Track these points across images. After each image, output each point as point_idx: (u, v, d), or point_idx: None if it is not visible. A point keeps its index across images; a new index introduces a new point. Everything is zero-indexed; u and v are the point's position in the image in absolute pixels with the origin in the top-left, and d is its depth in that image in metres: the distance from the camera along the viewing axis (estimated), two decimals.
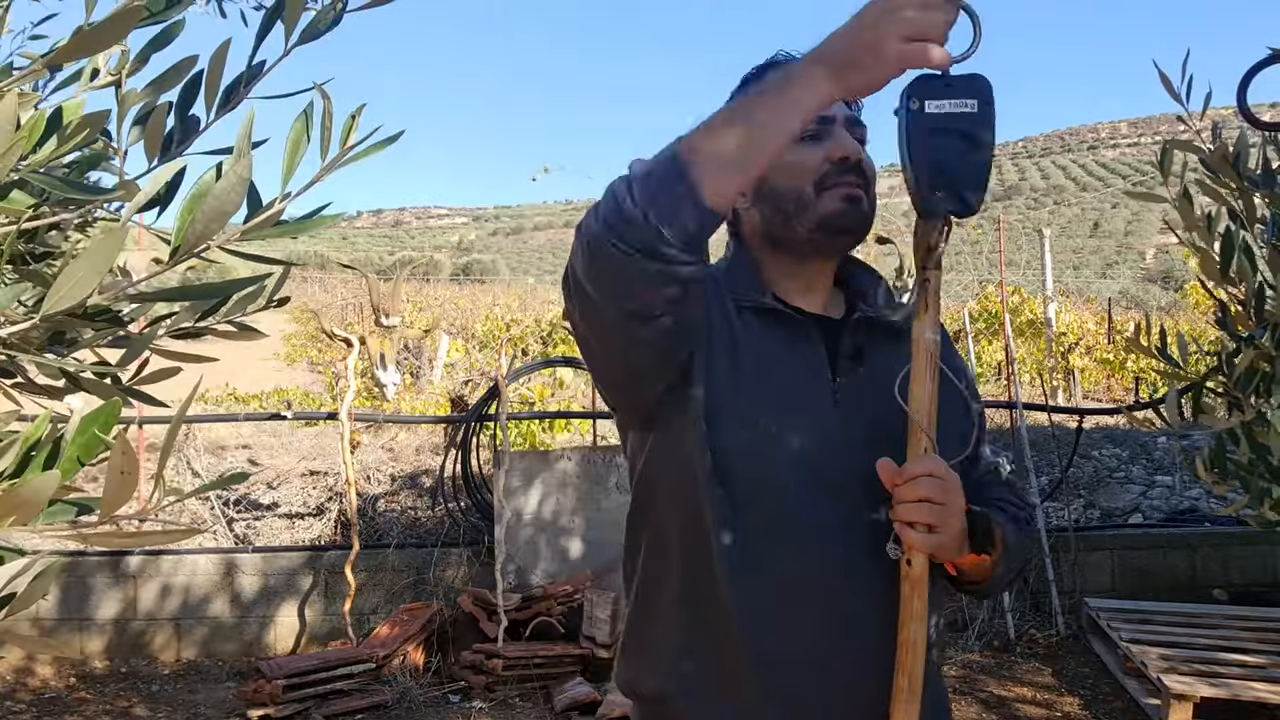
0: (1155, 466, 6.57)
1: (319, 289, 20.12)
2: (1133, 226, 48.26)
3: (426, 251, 44.15)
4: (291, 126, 0.74)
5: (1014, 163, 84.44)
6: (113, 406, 0.65)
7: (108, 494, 0.59)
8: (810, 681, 1.12)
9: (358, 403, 6.49)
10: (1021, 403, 5.50)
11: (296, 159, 0.73)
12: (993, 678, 4.36)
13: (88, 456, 0.64)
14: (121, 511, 0.64)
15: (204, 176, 0.75)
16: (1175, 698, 3.56)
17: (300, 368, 13.92)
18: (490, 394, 5.23)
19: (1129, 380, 10.65)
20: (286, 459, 6.36)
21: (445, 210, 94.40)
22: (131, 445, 0.59)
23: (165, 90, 0.94)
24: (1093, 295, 18.64)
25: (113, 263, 0.65)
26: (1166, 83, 2.01)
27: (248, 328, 1.04)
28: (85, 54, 0.69)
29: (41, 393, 1.00)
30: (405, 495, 5.98)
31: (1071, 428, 5.83)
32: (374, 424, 6.69)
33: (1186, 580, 5.06)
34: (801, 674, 1.11)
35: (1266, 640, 4.09)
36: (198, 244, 0.67)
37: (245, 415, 6.39)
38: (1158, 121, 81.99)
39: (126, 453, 0.58)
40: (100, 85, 0.94)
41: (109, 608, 4.77)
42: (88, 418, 0.63)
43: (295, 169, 0.73)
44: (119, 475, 0.58)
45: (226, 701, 4.20)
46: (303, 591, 4.88)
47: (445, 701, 4.20)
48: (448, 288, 23.75)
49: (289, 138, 0.74)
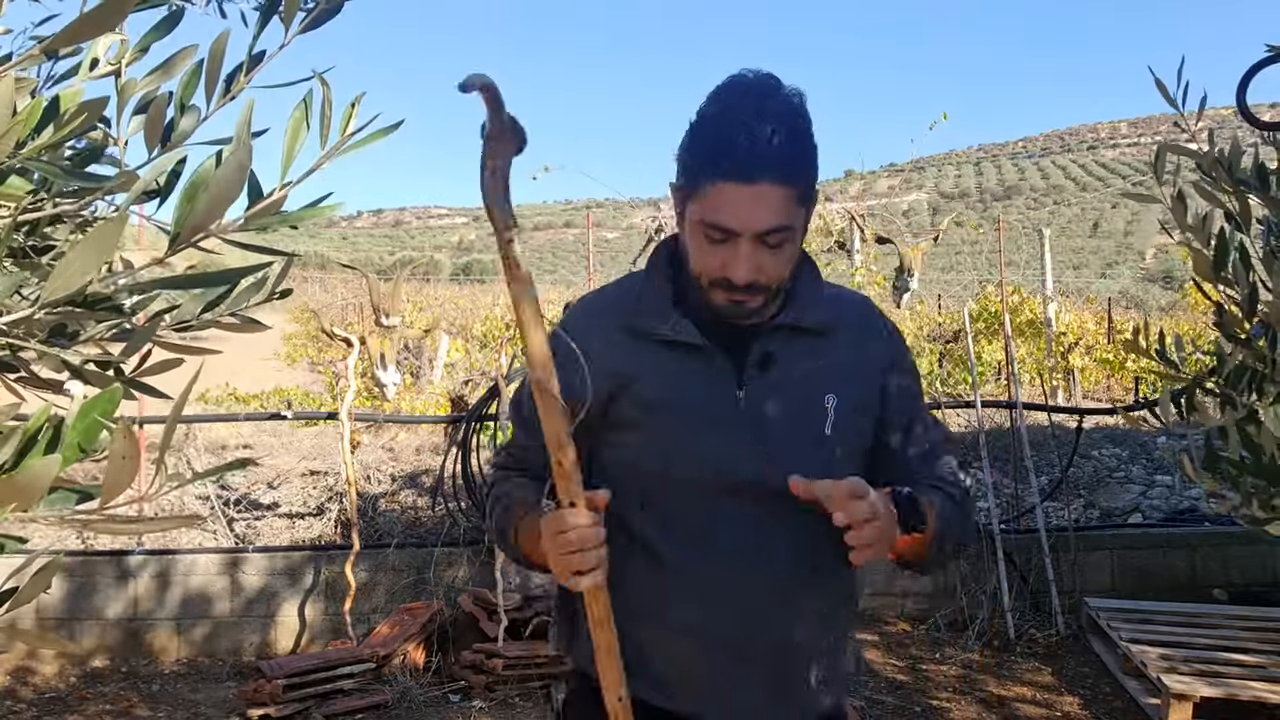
0: (1155, 466, 6.57)
1: (319, 289, 20.11)
2: (1132, 227, 48.26)
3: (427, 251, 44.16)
4: (291, 115, 0.74)
5: (1014, 163, 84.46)
6: (113, 393, 0.65)
7: (109, 480, 0.58)
8: (698, 652, 1.29)
9: (358, 402, 6.49)
10: (1021, 402, 5.50)
11: (297, 146, 0.73)
12: (993, 677, 4.36)
13: (89, 443, 0.64)
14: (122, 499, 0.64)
15: (204, 164, 0.75)
16: (1175, 697, 3.56)
17: (300, 367, 13.92)
18: (490, 394, 5.23)
19: (1129, 380, 10.65)
20: (287, 459, 6.36)
21: (445, 210, 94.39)
22: (133, 431, 0.59)
23: (165, 80, 0.94)
24: (1093, 295, 18.64)
25: (113, 249, 0.65)
26: (1162, 88, 2.02)
27: (251, 320, 1.04)
28: (84, 39, 0.69)
29: (44, 387, 1.00)
30: (405, 495, 5.98)
31: (1071, 427, 5.83)
32: (374, 424, 6.70)
33: (1186, 580, 5.06)
34: (695, 642, 1.29)
35: (1266, 640, 4.09)
36: (197, 231, 0.67)
37: (246, 415, 6.39)
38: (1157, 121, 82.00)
39: (128, 438, 0.58)
40: (100, 75, 0.94)
41: (110, 607, 4.77)
42: (88, 404, 0.63)
43: (296, 156, 0.72)
44: (120, 461, 0.58)
45: (227, 701, 4.20)
46: (303, 591, 4.88)
47: (445, 701, 4.20)
48: (448, 287, 23.75)
49: (289, 125, 0.73)
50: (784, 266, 1.23)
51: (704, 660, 1.29)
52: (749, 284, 1.21)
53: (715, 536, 1.27)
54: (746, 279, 1.20)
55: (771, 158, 1.15)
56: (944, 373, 9.50)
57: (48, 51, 0.73)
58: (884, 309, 6.57)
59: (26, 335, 0.83)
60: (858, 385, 1.31)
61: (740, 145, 1.14)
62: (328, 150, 0.73)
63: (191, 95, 0.93)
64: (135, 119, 0.97)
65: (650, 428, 1.29)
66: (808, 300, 1.31)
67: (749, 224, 1.17)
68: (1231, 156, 1.90)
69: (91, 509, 0.64)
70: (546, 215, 79.11)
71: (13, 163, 0.74)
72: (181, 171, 0.91)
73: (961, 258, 18.73)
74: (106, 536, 5.44)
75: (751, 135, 1.14)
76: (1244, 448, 1.62)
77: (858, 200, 12.65)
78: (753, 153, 1.14)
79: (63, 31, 0.64)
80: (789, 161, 1.17)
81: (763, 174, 1.15)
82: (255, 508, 5.85)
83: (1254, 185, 1.90)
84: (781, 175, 1.16)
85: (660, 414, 1.29)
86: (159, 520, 0.70)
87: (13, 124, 0.65)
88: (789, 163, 1.17)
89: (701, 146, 1.20)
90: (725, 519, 1.28)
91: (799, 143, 1.19)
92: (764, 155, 1.15)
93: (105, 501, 0.61)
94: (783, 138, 1.15)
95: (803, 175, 1.19)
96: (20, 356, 0.97)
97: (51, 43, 0.66)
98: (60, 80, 0.98)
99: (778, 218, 1.17)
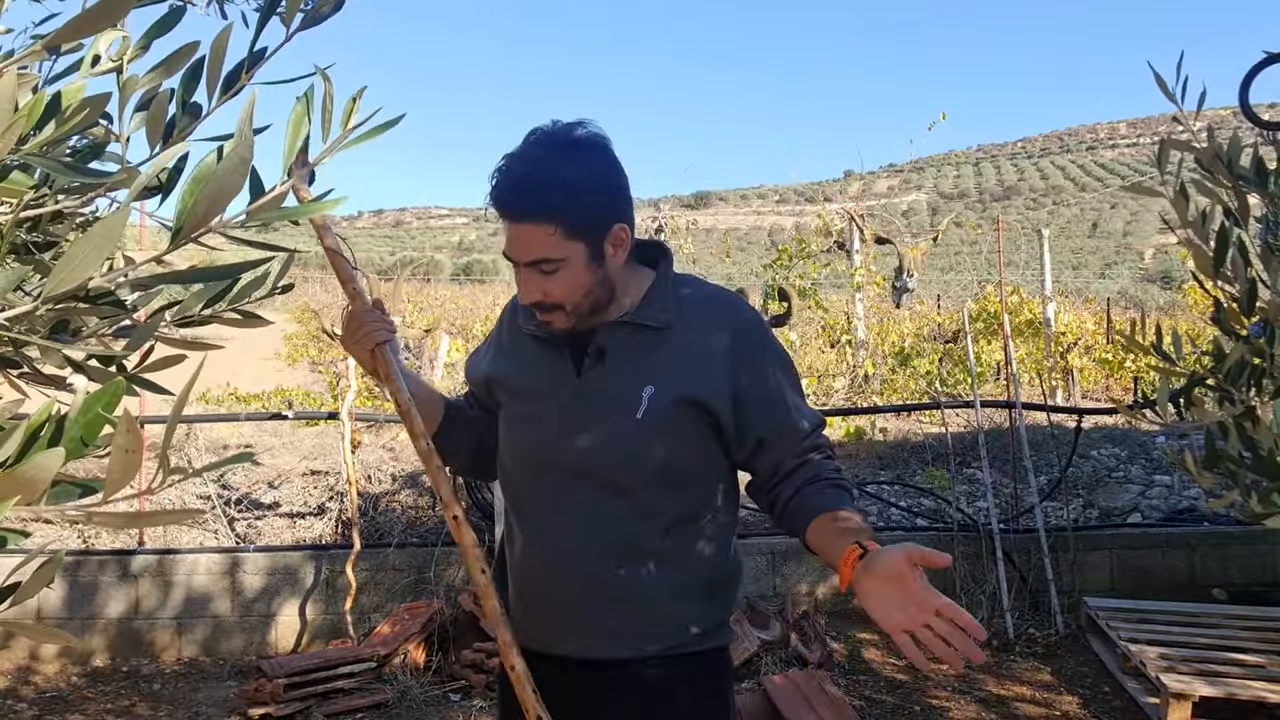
0: (1154, 466, 6.58)
1: (320, 289, 20.12)
2: (1131, 227, 48.28)
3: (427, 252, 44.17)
4: (293, 108, 0.74)
5: (1013, 163, 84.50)
6: (116, 387, 0.66)
7: (112, 474, 0.59)
8: (536, 600, 1.52)
9: (359, 402, 6.49)
10: (1020, 402, 5.50)
11: (299, 139, 0.73)
12: (992, 677, 4.36)
13: (92, 437, 0.64)
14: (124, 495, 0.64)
15: (205, 159, 0.75)
16: (1174, 697, 3.56)
17: (301, 367, 13.91)
18: None
19: (1128, 380, 10.65)
20: (288, 459, 6.36)
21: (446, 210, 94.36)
22: (136, 424, 0.59)
23: (167, 77, 0.94)
24: (1092, 295, 18.64)
25: (116, 243, 0.65)
26: (1162, 84, 2.02)
27: (252, 315, 1.04)
28: (86, 34, 0.70)
29: (47, 383, 1.00)
30: (406, 494, 5.98)
31: (1070, 427, 5.83)
32: (375, 424, 6.70)
33: (1185, 580, 5.06)
34: (537, 591, 1.52)
35: (1265, 639, 4.09)
36: (200, 226, 0.68)
37: (247, 415, 6.40)
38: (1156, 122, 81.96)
39: (131, 430, 0.58)
40: (101, 71, 0.94)
41: (111, 606, 4.77)
42: (91, 399, 0.63)
43: (297, 150, 0.73)
44: (123, 454, 0.58)
45: (228, 700, 4.21)
46: (304, 590, 4.88)
47: (446, 700, 4.20)
48: (448, 288, 23.77)
49: (290, 118, 0.74)
50: (570, 289, 1.40)
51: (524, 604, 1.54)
52: (535, 303, 1.42)
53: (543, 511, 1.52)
54: (528, 300, 1.42)
55: (524, 198, 1.34)
56: (943, 373, 9.49)
57: (50, 47, 0.73)
58: (883, 309, 6.62)
59: (29, 331, 0.83)
60: (688, 376, 1.45)
61: (499, 185, 1.35)
62: (330, 144, 0.74)
63: (193, 92, 0.93)
64: (137, 116, 0.97)
65: (508, 411, 1.57)
66: (654, 301, 1.49)
67: (518, 255, 1.39)
68: (1231, 152, 1.90)
69: (94, 502, 0.64)
70: None
71: (15, 158, 0.74)
72: (183, 168, 0.92)
73: (961, 258, 18.75)
74: (108, 536, 5.44)
75: (508, 176, 1.35)
76: (1242, 444, 1.62)
77: (857, 201, 12.65)
78: (508, 192, 1.34)
79: (66, 26, 0.65)
80: (542, 202, 1.34)
81: (517, 212, 1.35)
82: (256, 507, 5.85)
83: (1253, 181, 1.91)
84: (535, 214, 1.34)
85: (515, 400, 1.55)
86: (161, 514, 0.71)
87: (15, 119, 0.65)
88: (542, 203, 1.34)
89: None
90: (551, 494, 1.50)
91: (557, 183, 1.34)
92: (517, 196, 1.34)
93: (108, 495, 0.61)
94: (541, 178, 1.32)
95: (563, 211, 1.34)
96: (23, 353, 0.98)
97: (54, 37, 0.66)
98: (61, 77, 0.98)
99: (540, 251, 1.36)
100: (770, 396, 1.49)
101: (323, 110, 0.76)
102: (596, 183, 1.39)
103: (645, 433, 1.44)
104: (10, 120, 0.64)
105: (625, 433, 1.44)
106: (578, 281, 1.40)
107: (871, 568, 1.22)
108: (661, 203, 10.37)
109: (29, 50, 0.72)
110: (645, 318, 1.47)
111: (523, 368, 1.55)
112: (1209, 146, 1.94)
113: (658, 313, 1.48)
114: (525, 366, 1.55)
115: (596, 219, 1.39)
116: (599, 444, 1.45)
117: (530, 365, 1.54)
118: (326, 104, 0.76)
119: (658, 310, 1.48)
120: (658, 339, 1.47)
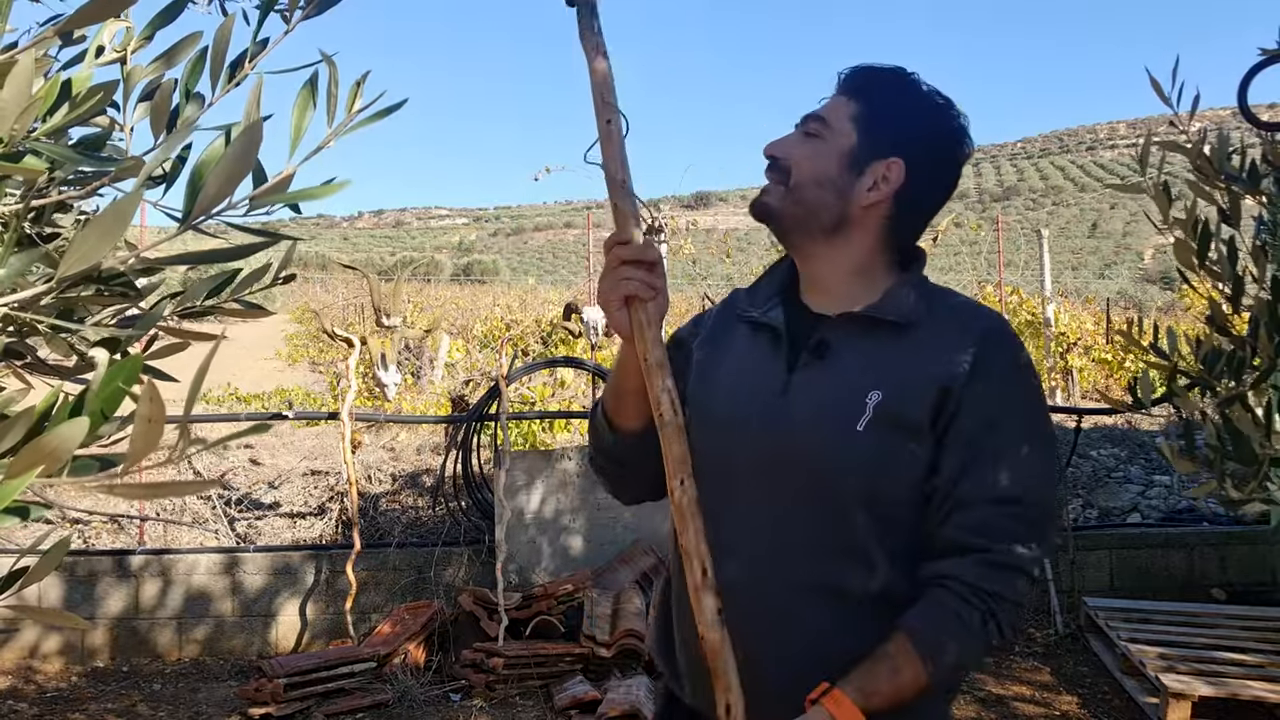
0: (1153, 466, 6.58)
1: (320, 289, 20.13)
2: (1131, 227, 48.30)
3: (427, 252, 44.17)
4: (299, 92, 0.75)
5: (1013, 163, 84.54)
6: (135, 360, 0.66)
7: (134, 444, 0.59)
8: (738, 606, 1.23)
9: (359, 403, 6.49)
10: None
11: (305, 123, 0.74)
12: (991, 676, 4.37)
13: (112, 410, 0.64)
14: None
15: (213, 144, 0.76)
16: (1173, 696, 3.57)
17: (302, 368, 13.92)
18: (491, 394, 5.24)
19: (1127, 380, 10.65)
20: (288, 459, 6.37)
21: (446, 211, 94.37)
22: (158, 392, 0.60)
23: (170, 67, 0.95)
24: (1091, 295, 18.65)
25: (127, 226, 0.66)
26: (1157, 87, 2.03)
27: (255, 305, 1.05)
28: (98, 19, 0.70)
29: (51, 373, 1.01)
30: (406, 495, 5.99)
31: (1070, 427, 5.84)
32: (375, 424, 6.70)
33: (1185, 579, 5.07)
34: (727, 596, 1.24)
35: (1264, 639, 4.10)
36: (211, 207, 0.68)
37: (247, 415, 6.40)
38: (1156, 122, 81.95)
39: (154, 400, 0.58)
40: (106, 62, 0.95)
41: (112, 605, 4.77)
42: (110, 372, 0.64)
43: (303, 134, 0.73)
44: (146, 424, 0.59)
45: (228, 700, 4.21)
46: (304, 590, 4.89)
47: (446, 700, 4.20)
48: (448, 288, 23.77)
49: (295, 102, 0.74)
50: (807, 157, 1.30)
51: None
52: (770, 157, 1.33)
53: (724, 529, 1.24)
54: (767, 151, 1.34)
55: (847, 77, 1.35)
56: None
57: (61, 34, 0.73)
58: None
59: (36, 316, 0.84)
60: (908, 390, 1.21)
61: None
62: (335, 127, 0.75)
63: (196, 82, 0.94)
64: (140, 106, 0.98)
65: (693, 401, 1.32)
66: (891, 297, 1.29)
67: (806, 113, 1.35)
68: (1219, 152, 1.92)
69: (114, 474, 0.64)
70: (546, 216, 79.14)
71: (26, 144, 0.75)
72: (187, 158, 0.92)
73: (961, 258, 18.75)
74: (108, 536, 5.44)
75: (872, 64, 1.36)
76: (1227, 432, 1.64)
77: None
78: (857, 67, 1.35)
79: (78, 12, 0.65)
80: (859, 83, 1.33)
81: (843, 84, 1.34)
82: (256, 507, 5.86)
83: (1242, 181, 1.92)
84: (848, 89, 1.33)
85: (703, 386, 1.35)
86: (180, 484, 0.71)
87: (33, 100, 0.66)
88: (858, 84, 1.33)
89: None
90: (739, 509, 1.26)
91: (881, 84, 1.33)
92: (857, 71, 1.35)
93: (130, 465, 0.62)
94: (870, 75, 1.33)
95: (868, 98, 1.31)
96: (27, 343, 0.98)
97: (67, 23, 0.67)
98: (67, 68, 0.99)
99: (823, 110, 1.33)
100: (972, 450, 1.20)
101: (328, 95, 0.77)
102: (925, 121, 1.30)
103: (868, 446, 1.21)
104: (28, 102, 0.65)
105: (842, 441, 1.21)
106: (823, 161, 1.29)
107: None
108: (661, 203, 10.38)
109: (41, 36, 0.72)
110: (879, 312, 1.26)
111: (727, 351, 1.37)
112: (1195, 147, 1.95)
113: (893, 308, 1.27)
114: (729, 351, 1.36)
115: (892, 133, 1.28)
116: (810, 450, 1.23)
117: (736, 350, 1.36)
118: (331, 89, 0.77)
119: (893, 306, 1.27)
120: (891, 340, 1.25)
